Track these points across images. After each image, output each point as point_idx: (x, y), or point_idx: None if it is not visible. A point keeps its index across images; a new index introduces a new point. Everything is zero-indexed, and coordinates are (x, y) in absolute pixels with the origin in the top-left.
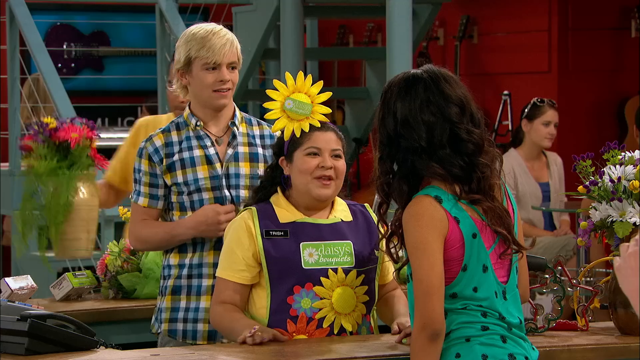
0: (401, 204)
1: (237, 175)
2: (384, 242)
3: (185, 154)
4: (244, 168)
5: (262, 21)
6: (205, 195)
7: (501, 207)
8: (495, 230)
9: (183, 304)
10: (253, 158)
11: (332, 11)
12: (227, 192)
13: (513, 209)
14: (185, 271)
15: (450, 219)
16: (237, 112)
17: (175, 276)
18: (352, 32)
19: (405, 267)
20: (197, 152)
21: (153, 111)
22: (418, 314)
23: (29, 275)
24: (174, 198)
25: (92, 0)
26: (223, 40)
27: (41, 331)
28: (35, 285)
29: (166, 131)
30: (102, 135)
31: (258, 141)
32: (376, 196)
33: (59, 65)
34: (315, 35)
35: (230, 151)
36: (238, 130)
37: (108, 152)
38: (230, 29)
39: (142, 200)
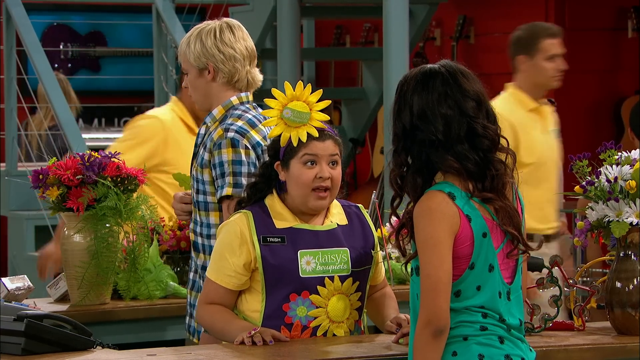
0: (414, 198)
1: (192, 176)
2: (378, 243)
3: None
4: (194, 170)
5: (259, 21)
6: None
7: (512, 207)
8: (505, 230)
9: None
10: (199, 161)
11: (329, 11)
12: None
13: (521, 208)
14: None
15: (462, 216)
16: (216, 110)
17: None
18: (349, 32)
19: (411, 261)
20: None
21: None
22: (423, 310)
23: (25, 276)
24: None
25: (89, 0)
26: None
27: (38, 331)
28: (32, 285)
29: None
30: (99, 135)
31: (208, 143)
32: (373, 195)
33: (56, 65)
34: (312, 35)
35: (194, 150)
36: (208, 129)
37: None
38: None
39: None
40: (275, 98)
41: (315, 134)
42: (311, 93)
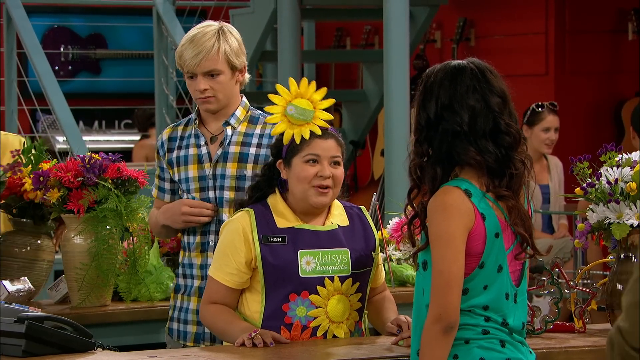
0: (432, 189)
1: (223, 176)
2: (378, 246)
3: (182, 152)
4: (230, 169)
5: (260, 23)
6: (193, 195)
7: (524, 209)
8: (516, 232)
9: (179, 302)
10: (242, 158)
11: (330, 13)
12: (211, 194)
13: (531, 213)
14: (181, 270)
15: (477, 214)
16: (239, 111)
17: (177, 274)
18: (350, 34)
19: (419, 256)
20: (192, 151)
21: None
22: (434, 305)
23: (26, 278)
24: (180, 193)
25: (89, 2)
26: (199, 48)
27: (38, 333)
28: (32, 287)
29: (176, 125)
30: (99, 138)
31: (255, 140)
32: (374, 197)
33: (56, 67)
34: (312, 37)
35: (219, 151)
36: (235, 129)
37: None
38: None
39: (154, 191)
40: (279, 94)
41: (319, 132)
42: (315, 91)
